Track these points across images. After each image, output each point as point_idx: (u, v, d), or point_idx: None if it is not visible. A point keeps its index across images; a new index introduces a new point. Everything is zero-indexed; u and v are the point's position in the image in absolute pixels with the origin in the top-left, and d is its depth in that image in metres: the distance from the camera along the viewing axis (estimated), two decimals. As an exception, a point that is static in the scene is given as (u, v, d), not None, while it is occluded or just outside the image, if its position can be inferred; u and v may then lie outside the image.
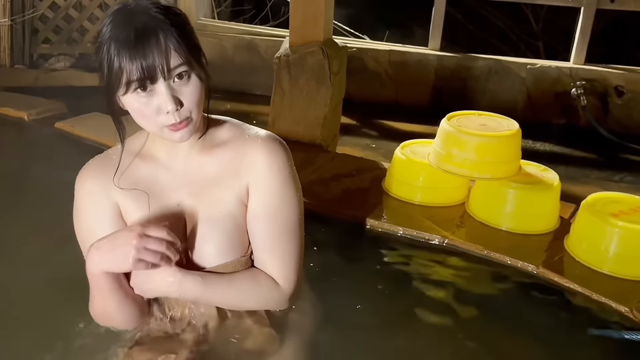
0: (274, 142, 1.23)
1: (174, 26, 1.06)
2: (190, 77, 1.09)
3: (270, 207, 1.22)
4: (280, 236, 1.23)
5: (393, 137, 3.23)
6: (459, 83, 3.85)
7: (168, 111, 1.07)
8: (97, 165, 1.24)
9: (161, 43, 1.04)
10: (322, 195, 2.23)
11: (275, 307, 1.28)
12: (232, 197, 1.21)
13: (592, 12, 3.58)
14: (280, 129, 2.81)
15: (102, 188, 1.21)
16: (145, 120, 1.11)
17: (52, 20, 4.14)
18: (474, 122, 2.10)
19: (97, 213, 1.22)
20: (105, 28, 1.07)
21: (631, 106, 3.58)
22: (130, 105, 1.10)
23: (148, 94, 1.07)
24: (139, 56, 1.03)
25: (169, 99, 1.07)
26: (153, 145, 1.23)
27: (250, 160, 1.21)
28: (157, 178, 1.22)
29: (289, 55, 2.72)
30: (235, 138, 1.23)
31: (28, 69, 4.04)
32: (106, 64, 1.06)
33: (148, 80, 1.05)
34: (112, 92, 1.08)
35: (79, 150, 2.59)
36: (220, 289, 1.21)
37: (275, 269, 1.24)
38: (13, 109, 3.02)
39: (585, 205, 1.88)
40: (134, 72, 1.04)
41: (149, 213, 1.21)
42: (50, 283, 1.58)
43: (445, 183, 2.15)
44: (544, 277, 1.79)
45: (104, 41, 1.06)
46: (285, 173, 1.22)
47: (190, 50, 1.08)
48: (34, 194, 2.15)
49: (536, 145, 3.42)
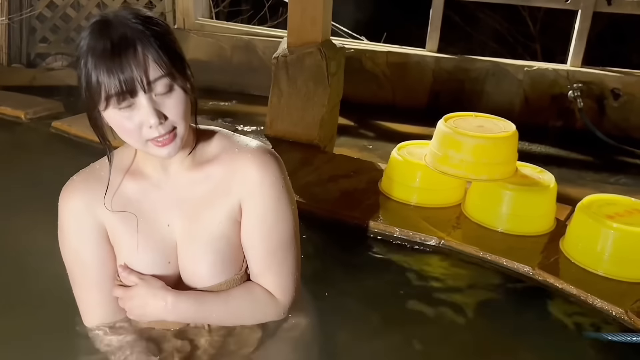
0: (265, 155, 1.19)
1: (154, 36, 1.01)
2: (172, 88, 1.04)
3: (264, 224, 1.20)
4: (275, 251, 1.22)
5: (390, 139, 3.23)
6: (456, 85, 3.85)
7: (151, 125, 1.03)
8: (82, 182, 1.19)
9: (139, 54, 1.00)
10: (319, 196, 2.23)
11: (272, 319, 1.26)
12: (224, 216, 1.19)
13: (589, 15, 3.59)
14: (278, 130, 2.82)
15: (88, 207, 1.17)
16: (129, 136, 1.06)
17: (50, 19, 4.13)
18: (470, 124, 2.10)
19: (81, 234, 1.18)
20: (83, 41, 1.02)
21: (627, 109, 3.59)
22: (113, 120, 1.05)
23: (129, 109, 1.03)
24: (116, 69, 0.99)
25: (151, 112, 1.02)
26: (143, 161, 1.18)
27: (241, 176, 1.17)
28: (147, 197, 1.18)
29: (286, 55, 2.72)
30: (225, 152, 1.19)
31: (25, 68, 4.04)
32: (84, 79, 1.02)
33: (128, 94, 1.01)
34: (93, 107, 1.05)
35: (76, 149, 2.59)
36: (216, 309, 1.19)
37: (272, 283, 1.23)
38: (10, 108, 3.01)
39: (581, 207, 1.89)
40: (112, 86, 1.00)
41: (137, 235, 1.18)
42: (41, 284, 1.58)
43: (441, 184, 2.15)
44: (539, 279, 1.79)
45: (82, 54, 1.02)
46: (278, 187, 1.19)
47: (172, 61, 1.04)
48: (30, 194, 2.14)
49: (533, 147, 3.43)
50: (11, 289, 1.60)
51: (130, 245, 1.18)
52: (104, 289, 1.20)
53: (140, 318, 1.20)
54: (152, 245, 1.18)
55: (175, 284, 1.20)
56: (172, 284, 1.18)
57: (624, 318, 1.62)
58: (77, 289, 1.23)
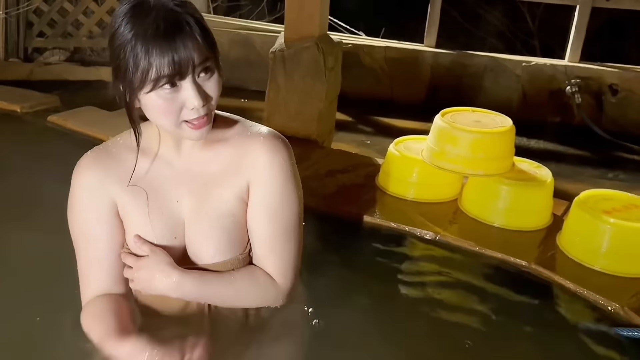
0: (276, 140, 1.22)
1: (196, 19, 1.04)
2: (213, 71, 1.08)
3: (270, 206, 1.21)
4: (280, 234, 1.23)
5: (388, 134, 3.23)
6: (454, 80, 3.85)
7: (194, 107, 1.06)
8: (95, 158, 1.21)
9: (189, 36, 1.02)
10: (316, 190, 2.22)
11: (272, 304, 1.27)
12: (232, 195, 1.21)
13: (588, 10, 3.59)
14: (276, 124, 2.79)
15: (100, 183, 1.19)
16: (166, 117, 1.08)
17: (47, 13, 4.12)
18: (467, 119, 2.10)
19: (92, 206, 1.20)
20: (124, 27, 1.02)
21: (625, 105, 3.59)
22: (153, 102, 1.06)
23: (173, 90, 1.05)
24: (170, 50, 1.01)
25: (196, 94, 1.05)
26: (156, 140, 1.20)
27: (251, 158, 1.20)
28: (158, 174, 1.20)
29: (284, 50, 2.71)
30: (237, 135, 1.22)
31: (22, 62, 4.02)
32: (132, 63, 1.02)
33: (177, 76, 1.03)
34: (136, 91, 1.05)
35: (72, 144, 2.58)
36: (219, 288, 1.21)
37: (273, 267, 1.24)
38: (6, 102, 3.00)
39: (578, 202, 1.88)
40: (165, 66, 1.01)
41: (147, 210, 1.19)
42: (39, 273, 1.58)
43: (438, 179, 2.15)
44: (535, 274, 1.79)
45: (126, 41, 1.02)
46: (286, 171, 1.22)
47: (213, 44, 1.08)
48: (25, 187, 2.13)
49: (530, 143, 3.43)
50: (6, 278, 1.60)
51: (139, 219, 1.20)
52: (108, 262, 1.21)
53: (144, 290, 1.20)
54: (161, 220, 1.20)
55: (180, 259, 1.21)
56: (176, 259, 1.20)
57: (620, 313, 1.62)
58: (82, 263, 1.23)
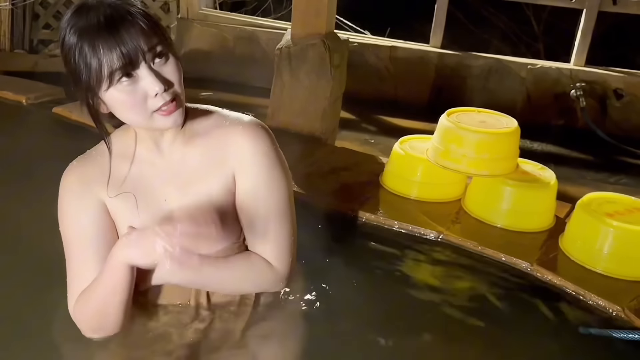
0: (256, 127, 1.22)
1: (136, 8, 1.05)
2: (168, 56, 1.08)
3: (258, 193, 1.22)
4: (270, 220, 1.23)
5: (391, 133, 3.23)
6: (458, 81, 3.85)
7: (156, 93, 1.05)
8: (80, 167, 1.21)
9: (132, 25, 1.02)
10: (319, 187, 2.23)
11: (270, 288, 1.29)
12: (218, 187, 1.21)
13: (594, 14, 3.58)
14: (280, 121, 2.81)
15: (88, 190, 1.19)
16: (134, 111, 1.08)
17: (53, 5, 4.13)
18: (473, 119, 2.10)
19: (81, 207, 1.19)
20: (69, 33, 1.04)
21: (630, 109, 3.59)
22: (116, 99, 1.06)
23: (132, 81, 1.05)
24: (116, 43, 1.01)
25: (155, 80, 1.05)
26: (136, 143, 1.20)
27: (234, 148, 1.20)
28: (143, 175, 1.20)
29: (290, 46, 2.72)
30: (216, 126, 1.21)
31: (28, 53, 4.04)
32: (83, 65, 1.03)
33: (130, 66, 1.03)
34: (95, 91, 1.05)
35: (76, 134, 2.59)
36: (217, 274, 1.21)
37: (268, 252, 1.24)
38: (11, 93, 3.01)
39: (581, 205, 1.88)
40: (115, 59, 1.01)
41: (137, 212, 1.19)
42: (39, 266, 1.58)
43: (442, 179, 2.15)
44: (537, 275, 1.79)
45: (74, 44, 1.03)
46: (270, 157, 1.21)
47: (160, 29, 1.07)
48: (30, 177, 2.14)
49: (534, 146, 3.43)
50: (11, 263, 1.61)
51: (131, 222, 1.19)
52: (101, 263, 1.19)
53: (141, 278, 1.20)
54: (152, 220, 1.19)
55: None
56: None
57: (621, 316, 1.62)
58: (73, 264, 1.21)
